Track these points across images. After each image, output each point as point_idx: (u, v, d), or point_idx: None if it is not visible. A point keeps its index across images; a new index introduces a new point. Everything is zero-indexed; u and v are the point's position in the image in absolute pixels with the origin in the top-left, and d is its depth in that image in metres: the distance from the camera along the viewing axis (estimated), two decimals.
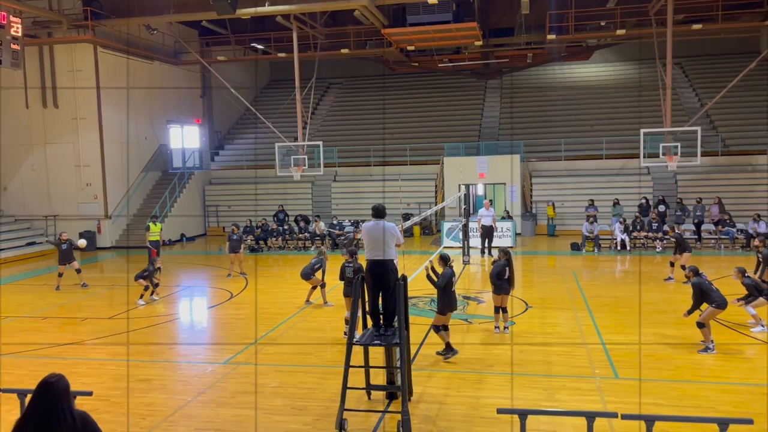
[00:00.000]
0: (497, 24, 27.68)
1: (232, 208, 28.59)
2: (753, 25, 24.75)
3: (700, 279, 9.96)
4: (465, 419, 7.64)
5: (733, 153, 25.66)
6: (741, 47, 29.89)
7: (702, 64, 31.42)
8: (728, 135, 26.73)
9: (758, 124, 26.75)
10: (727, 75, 25.71)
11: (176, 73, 29.21)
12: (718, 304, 9.77)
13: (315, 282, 13.87)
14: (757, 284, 11.24)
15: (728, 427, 4.83)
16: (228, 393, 8.78)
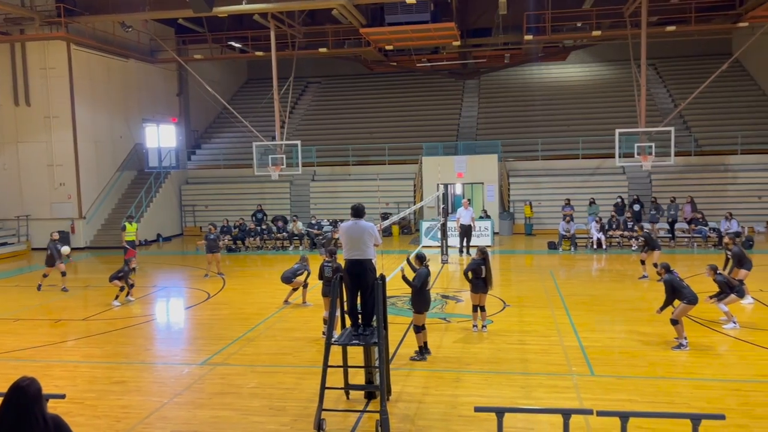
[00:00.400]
0: (475, 24, 27.84)
1: (209, 208, 28.35)
2: (725, 27, 25.23)
3: (671, 276, 10.12)
4: (443, 418, 7.67)
5: (705, 153, 26.12)
6: (713, 49, 30.45)
7: (675, 65, 31.94)
8: (701, 135, 27.20)
9: (730, 124, 27.26)
10: (699, 76, 26.17)
11: (152, 71, 28.87)
12: (689, 300, 9.94)
13: (296, 284, 13.77)
14: (729, 281, 11.45)
15: (700, 422, 4.91)
16: (205, 394, 8.70)
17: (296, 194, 28.56)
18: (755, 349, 9.97)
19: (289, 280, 13.68)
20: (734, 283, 11.48)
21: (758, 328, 11.09)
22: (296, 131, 31.14)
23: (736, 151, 25.49)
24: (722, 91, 28.84)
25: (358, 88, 34.92)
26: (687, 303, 9.96)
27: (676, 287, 10.05)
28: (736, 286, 11.39)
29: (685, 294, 9.99)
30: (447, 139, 29.38)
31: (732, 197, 24.43)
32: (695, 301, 9.98)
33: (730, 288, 11.34)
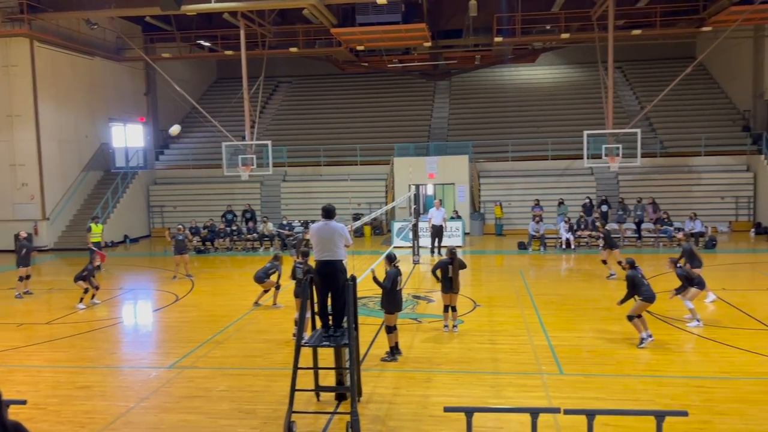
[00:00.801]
0: (446, 26, 27.98)
1: (177, 209, 27.96)
2: (689, 31, 25.81)
3: (634, 272, 10.31)
4: (414, 418, 7.67)
5: (670, 155, 26.68)
6: (678, 52, 31.12)
7: (642, 68, 32.55)
8: (666, 137, 27.77)
9: (694, 126, 27.89)
10: (665, 79, 26.72)
11: (119, 70, 28.37)
12: (645, 298, 10.15)
13: (268, 285, 13.61)
14: (689, 274, 11.72)
15: (664, 419, 5.00)
16: (173, 398, 8.56)
17: (267, 195, 28.34)
18: (717, 346, 10.20)
19: (261, 280, 13.54)
20: (693, 275, 11.74)
21: (720, 326, 11.35)
22: (267, 131, 30.91)
23: (700, 152, 26.08)
24: (686, 94, 29.49)
25: (329, 88, 34.82)
26: (642, 300, 10.17)
27: (636, 283, 10.24)
28: (695, 279, 11.66)
29: (642, 291, 10.18)
30: (418, 139, 29.47)
31: (696, 198, 25.00)
32: (651, 300, 10.17)
33: (689, 281, 11.63)
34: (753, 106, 27.51)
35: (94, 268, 14.50)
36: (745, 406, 7.73)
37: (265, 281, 13.54)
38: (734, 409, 7.67)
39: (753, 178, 25.07)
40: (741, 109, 28.53)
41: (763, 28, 25.78)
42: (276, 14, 25.98)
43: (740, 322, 11.62)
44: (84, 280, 14.13)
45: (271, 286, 13.61)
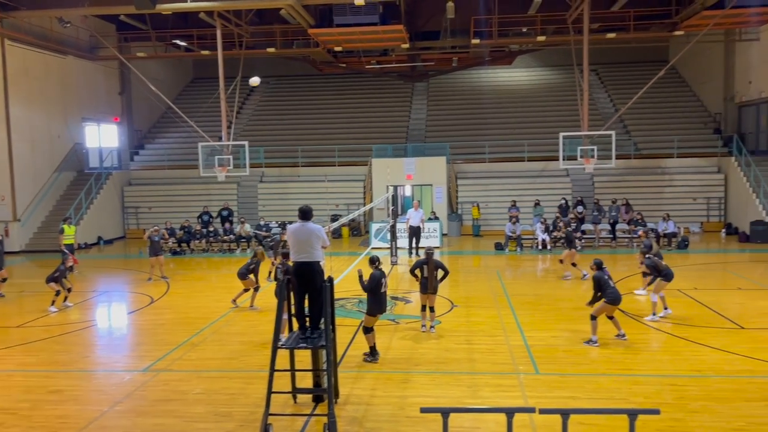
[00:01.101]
0: (423, 27, 28.06)
1: (153, 210, 27.62)
2: (662, 35, 26.25)
3: (600, 273, 10.42)
4: (391, 419, 7.68)
5: (644, 156, 27.07)
6: (651, 56, 31.60)
7: (616, 71, 32.98)
8: (640, 139, 28.18)
9: (667, 129, 28.33)
10: (638, 82, 27.08)
11: (92, 69, 27.94)
12: (608, 300, 10.24)
13: (248, 284, 13.60)
14: (657, 265, 11.98)
15: (637, 417, 5.07)
16: (147, 402, 8.47)
17: (244, 195, 28.15)
18: (689, 345, 10.38)
19: (243, 276, 13.54)
20: (661, 266, 12.00)
21: (692, 325, 11.55)
22: (244, 132, 30.70)
23: (673, 154, 26.52)
24: (659, 97, 29.95)
25: (307, 88, 34.70)
26: (605, 302, 10.27)
27: (602, 285, 10.33)
28: (663, 270, 11.92)
29: (607, 293, 10.26)
30: (396, 141, 29.51)
31: (669, 199, 25.40)
32: (615, 302, 10.27)
33: (657, 271, 11.89)
34: (724, 109, 28.06)
35: (66, 269, 14.26)
36: (715, 404, 7.88)
37: (246, 278, 13.52)
38: (705, 406, 7.82)
39: (724, 179, 25.56)
40: (712, 112, 29.08)
41: (733, 32, 26.32)
42: (253, 14, 25.80)
43: (711, 321, 11.84)
44: (56, 282, 13.88)
45: (251, 286, 13.57)
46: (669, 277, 11.99)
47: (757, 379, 8.71)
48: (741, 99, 26.89)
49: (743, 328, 11.28)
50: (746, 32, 25.74)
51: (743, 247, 21.59)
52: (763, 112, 25.63)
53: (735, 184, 24.77)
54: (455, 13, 24.14)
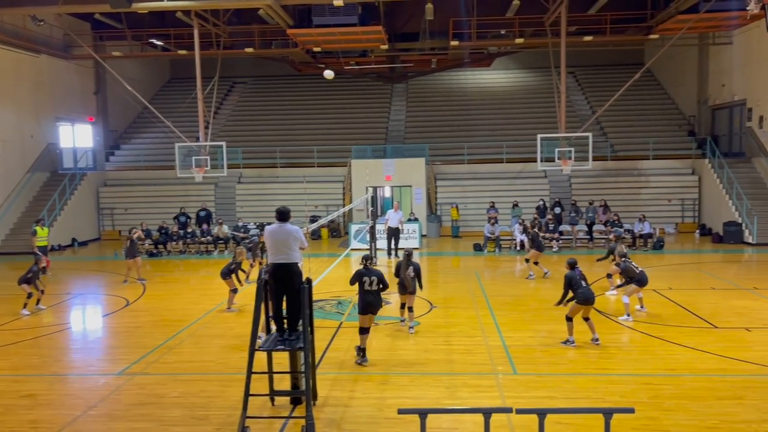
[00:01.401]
0: (402, 29, 28.11)
1: (129, 211, 27.28)
2: (637, 38, 26.63)
3: (572, 273, 10.33)
4: (370, 421, 7.67)
5: (620, 158, 27.41)
6: (628, 59, 32.02)
7: (593, 73, 33.36)
8: (616, 141, 28.52)
9: (642, 131, 28.72)
10: (615, 84, 27.43)
11: (66, 68, 27.51)
12: (579, 300, 10.17)
13: (229, 285, 13.54)
14: (628, 270, 12.13)
15: (612, 416, 5.12)
16: (122, 406, 8.34)
17: (221, 197, 27.92)
18: (664, 344, 10.52)
19: (226, 276, 13.50)
20: (634, 273, 12.07)
21: (667, 324, 11.71)
22: (221, 132, 30.45)
23: (648, 156, 26.89)
24: (635, 100, 30.36)
25: (285, 89, 34.55)
26: (577, 303, 10.24)
27: (573, 285, 10.25)
28: (636, 276, 12.01)
29: (578, 293, 10.20)
30: (376, 142, 29.50)
31: (645, 200, 25.76)
32: (586, 302, 10.17)
33: (629, 277, 12.04)
34: (698, 112, 28.53)
35: (39, 269, 14.00)
36: (689, 402, 7.99)
37: (227, 278, 13.49)
38: (679, 405, 7.92)
39: (698, 181, 25.99)
40: (686, 114, 29.56)
41: (707, 36, 26.78)
42: (231, 14, 25.61)
43: (685, 320, 12.01)
44: (28, 284, 13.62)
45: (231, 286, 13.48)
46: (642, 282, 12.06)
47: (729, 378, 8.86)
48: (714, 102, 27.37)
49: (716, 328, 11.46)
50: (720, 36, 26.22)
51: (717, 248, 21.97)
52: (736, 114, 26.12)
53: (708, 186, 25.20)
54: (434, 15, 24.23)
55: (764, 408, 7.77)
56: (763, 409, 7.75)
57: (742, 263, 19.49)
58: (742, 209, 22.50)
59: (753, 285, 15.15)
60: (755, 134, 24.17)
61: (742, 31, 24.43)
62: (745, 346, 10.30)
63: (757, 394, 8.21)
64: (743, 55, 24.76)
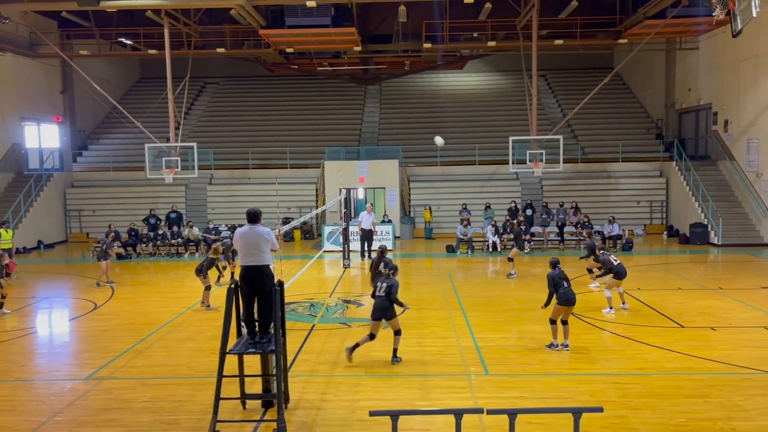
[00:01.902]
0: (376, 30, 28.15)
1: (97, 213, 26.79)
2: (607, 43, 27.08)
3: (553, 272, 10.26)
4: (342, 423, 7.63)
5: (590, 161, 27.80)
6: (598, 63, 32.53)
7: (564, 77, 33.78)
8: (586, 143, 28.93)
9: (612, 133, 29.20)
10: (585, 88, 27.85)
11: (32, 67, 26.90)
12: (560, 301, 10.10)
13: (204, 282, 13.49)
14: (606, 262, 12.62)
15: (581, 415, 5.18)
16: (89, 411, 8.17)
17: (192, 198, 27.58)
18: (633, 344, 10.68)
19: (198, 273, 13.46)
20: (613, 264, 12.53)
21: (636, 324, 11.90)
22: (192, 133, 30.10)
23: (618, 159, 27.33)
24: (605, 103, 30.86)
25: (258, 90, 34.31)
26: (558, 303, 10.15)
27: (556, 284, 10.18)
28: (614, 268, 12.43)
29: (559, 294, 10.12)
30: (349, 143, 29.46)
31: (614, 202, 26.18)
32: (567, 303, 10.08)
33: (609, 269, 12.44)
34: (665, 116, 29.10)
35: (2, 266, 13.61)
36: (657, 401, 8.13)
37: (200, 275, 13.43)
38: (647, 403, 8.05)
39: (665, 183, 26.50)
40: (654, 118, 30.14)
41: (674, 41, 27.34)
42: (202, 13, 25.34)
43: (653, 320, 12.22)
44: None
45: (205, 284, 13.37)
46: (620, 275, 12.49)
47: (695, 376, 9.03)
48: (681, 106, 27.94)
49: (683, 327, 11.68)
50: (686, 41, 26.79)
51: (683, 249, 22.42)
52: (702, 118, 26.71)
53: (676, 188, 25.71)
54: (407, 17, 24.31)
55: (729, 406, 7.94)
56: (728, 406, 7.92)
57: (707, 264, 19.92)
58: (708, 211, 23.01)
59: (718, 285, 15.49)
60: (720, 138, 24.74)
61: (708, 37, 25.02)
62: (711, 345, 10.52)
63: (722, 392, 8.38)
64: (709, 60, 25.34)
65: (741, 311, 12.86)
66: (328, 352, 10.42)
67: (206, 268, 13.51)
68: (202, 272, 13.46)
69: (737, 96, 23.40)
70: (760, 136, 22.26)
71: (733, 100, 23.67)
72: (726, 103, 24.20)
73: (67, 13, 25.11)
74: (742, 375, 9.06)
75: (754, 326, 11.69)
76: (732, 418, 7.58)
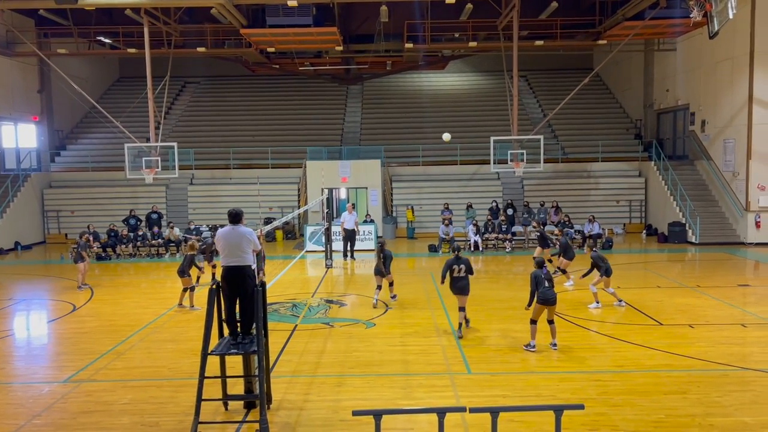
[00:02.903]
0: (357, 30, 28.14)
1: (75, 213, 26.44)
2: (586, 44, 27.35)
3: (538, 272, 10.26)
4: (324, 423, 7.63)
5: (571, 160, 28.05)
6: (577, 63, 32.82)
7: (544, 77, 34.04)
8: (567, 143, 29.19)
9: (592, 134, 29.49)
10: (565, 88, 28.09)
11: (8, 65, 26.47)
12: (539, 300, 10.15)
13: (186, 283, 13.41)
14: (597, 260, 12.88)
15: (563, 412, 5.23)
16: (68, 414, 8.07)
17: (173, 198, 27.34)
18: (613, 341, 10.81)
19: (182, 274, 13.40)
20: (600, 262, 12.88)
21: (616, 322, 12.05)
22: (173, 133, 29.84)
23: (597, 158, 27.61)
24: (585, 103, 31.16)
25: (239, 89, 34.11)
26: (537, 302, 10.19)
27: (538, 283, 10.18)
28: (602, 266, 12.81)
29: (539, 293, 10.15)
30: (331, 143, 29.41)
31: (594, 201, 26.43)
32: (547, 302, 10.11)
33: (597, 267, 12.80)
34: (644, 116, 29.47)
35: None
36: (636, 398, 8.23)
37: (184, 276, 13.36)
38: (627, 400, 8.15)
39: (644, 183, 26.82)
40: (633, 118, 30.49)
41: (652, 42, 27.69)
42: (182, 12, 25.14)
43: (633, 318, 12.37)
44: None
45: (188, 285, 13.28)
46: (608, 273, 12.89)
47: (674, 373, 9.16)
48: (659, 106, 28.31)
49: (662, 325, 11.84)
50: (664, 43, 27.16)
51: (662, 247, 22.72)
52: (680, 119, 27.09)
53: (654, 188, 26.03)
54: (389, 17, 24.34)
55: (707, 402, 8.07)
56: (707, 402, 8.04)
57: (685, 262, 20.21)
58: (686, 210, 23.33)
59: (696, 283, 15.73)
60: (697, 138, 25.10)
61: (686, 38, 25.37)
62: (689, 342, 10.68)
63: (700, 389, 8.51)
64: (686, 61, 25.71)
65: (718, 309, 13.06)
66: (311, 353, 10.40)
67: (187, 267, 13.44)
68: (185, 272, 13.37)
69: (714, 97, 23.77)
70: (737, 136, 22.63)
71: (710, 100, 24.03)
72: (703, 104, 24.56)
73: (44, 11, 24.76)
74: (719, 371, 9.21)
75: (731, 323, 11.88)
76: (710, 414, 7.70)
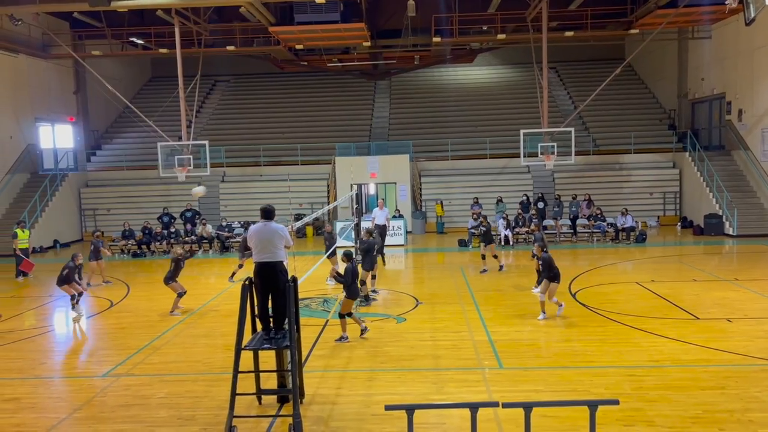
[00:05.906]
0: (385, 25, 28.10)
1: (111, 212, 27.02)
2: (618, 33, 26.83)
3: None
4: (357, 417, 7.68)
5: (602, 152, 27.63)
6: (609, 54, 32.26)
7: (575, 68, 33.58)
8: (598, 135, 28.75)
9: (624, 125, 28.99)
10: (596, 79, 27.68)
11: (45, 68, 27.14)
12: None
13: (174, 289, 13.30)
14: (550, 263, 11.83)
15: (597, 408, 5.18)
16: (107, 408, 8.27)
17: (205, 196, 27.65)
18: (648, 336, 10.64)
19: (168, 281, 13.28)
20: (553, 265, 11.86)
21: (651, 316, 11.85)
22: (204, 131, 30.26)
23: (630, 150, 27.14)
24: (617, 94, 30.63)
25: (268, 87, 34.39)
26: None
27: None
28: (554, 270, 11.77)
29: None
30: (360, 139, 29.48)
31: (627, 194, 26.01)
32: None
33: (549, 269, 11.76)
34: (678, 106, 28.84)
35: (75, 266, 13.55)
36: (672, 393, 8.09)
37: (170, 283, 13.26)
38: (663, 396, 8.02)
39: (679, 174, 26.29)
40: (667, 108, 29.88)
41: (686, 30, 27.06)
42: (212, 12, 25.43)
43: (668, 312, 12.16)
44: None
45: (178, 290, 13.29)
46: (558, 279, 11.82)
47: (711, 368, 8.98)
48: (694, 96, 27.68)
49: (698, 319, 11.61)
50: (698, 30, 26.52)
51: (698, 240, 22.25)
52: (716, 108, 26.45)
53: (689, 179, 25.49)
54: (416, 12, 24.21)
55: (746, 397, 7.90)
56: (745, 398, 7.87)
57: (722, 255, 19.76)
58: (723, 202, 22.80)
59: (734, 276, 15.37)
60: (734, 127, 24.49)
61: (720, 26, 24.74)
62: (727, 337, 10.45)
63: (738, 384, 8.33)
64: (722, 49, 25.07)
65: (757, 302, 12.76)
66: (342, 347, 10.47)
67: (174, 274, 13.28)
68: (172, 279, 13.20)
69: (751, 85, 23.14)
70: None
71: (747, 89, 23.40)
72: (740, 93, 23.93)
73: (78, 14, 25.31)
74: (758, 366, 9.01)
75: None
76: (749, 409, 7.54)
